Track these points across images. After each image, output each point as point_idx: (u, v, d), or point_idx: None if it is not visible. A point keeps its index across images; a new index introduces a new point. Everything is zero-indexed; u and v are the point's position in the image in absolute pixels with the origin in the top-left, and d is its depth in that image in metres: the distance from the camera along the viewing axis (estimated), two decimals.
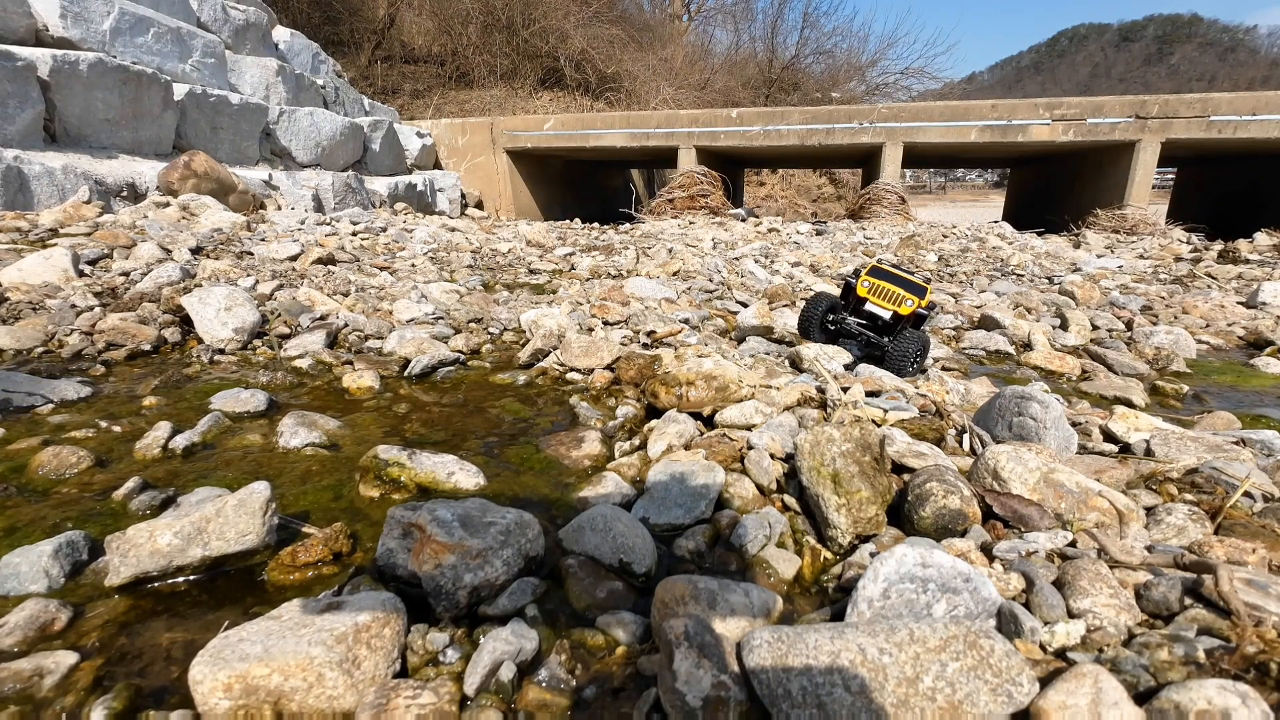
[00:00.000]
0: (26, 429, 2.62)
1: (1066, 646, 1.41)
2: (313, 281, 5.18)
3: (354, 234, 7.90)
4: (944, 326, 5.26)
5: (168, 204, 7.67)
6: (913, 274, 3.98)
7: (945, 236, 11.57)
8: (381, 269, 6.21)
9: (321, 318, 4.37)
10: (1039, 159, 18.10)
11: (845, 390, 2.92)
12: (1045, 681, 1.22)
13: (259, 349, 3.84)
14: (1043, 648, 1.41)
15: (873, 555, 1.76)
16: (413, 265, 6.67)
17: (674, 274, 7.00)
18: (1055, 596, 1.53)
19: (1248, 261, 8.67)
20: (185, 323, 3.97)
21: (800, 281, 6.88)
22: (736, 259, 8.13)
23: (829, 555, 1.88)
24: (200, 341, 3.83)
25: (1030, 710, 1.18)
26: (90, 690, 1.38)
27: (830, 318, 3.88)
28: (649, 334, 4.25)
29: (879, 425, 2.59)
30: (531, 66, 22.71)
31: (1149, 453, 2.44)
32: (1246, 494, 2.05)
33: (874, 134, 14.42)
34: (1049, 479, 1.96)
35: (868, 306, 3.75)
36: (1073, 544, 1.77)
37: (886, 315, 3.70)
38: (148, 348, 3.67)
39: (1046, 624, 1.46)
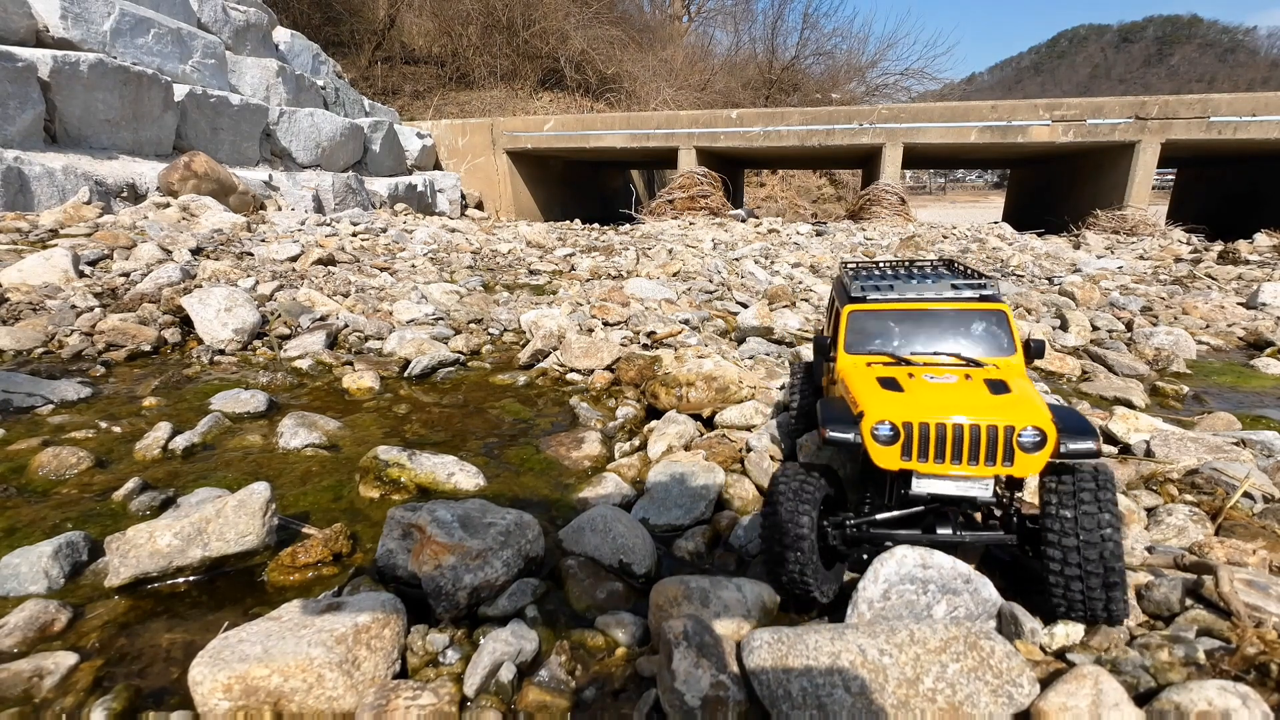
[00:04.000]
0: (26, 429, 2.62)
1: (1067, 648, 1.41)
2: (313, 282, 5.18)
3: (354, 235, 7.90)
4: None
5: (168, 205, 7.68)
6: (934, 267, 2.23)
7: (945, 237, 11.57)
8: (381, 270, 6.21)
9: (322, 318, 4.37)
10: (1039, 160, 18.11)
11: None
12: (1046, 683, 1.22)
13: (259, 350, 3.84)
14: (1043, 649, 1.41)
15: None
16: (413, 266, 6.67)
17: (674, 275, 7.00)
18: None
19: (1247, 262, 8.68)
20: (185, 323, 3.97)
21: (800, 282, 6.88)
22: (736, 260, 8.13)
23: None
24: (200, 342, 3.83)
25: (1031, 711, 1.17)
26: (90, 691, 1.37)
27: (828, 522, 1.61)
28: (649, 335, 4.25)
29: None
30: (532, 67, 22.74)
31: (1149, 453, 2.44)
32: (1247, 495, 2.05)
33: (874, 135, 14.43)
34: None
35: (921, 486, 1.55)
36: None
37: (983, 489, 1.53)
38: (148, 348, 3.67)
39: (1047, 625, 1.46)
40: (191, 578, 1.76)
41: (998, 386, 1.57)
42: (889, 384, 1.63)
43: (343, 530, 1.91)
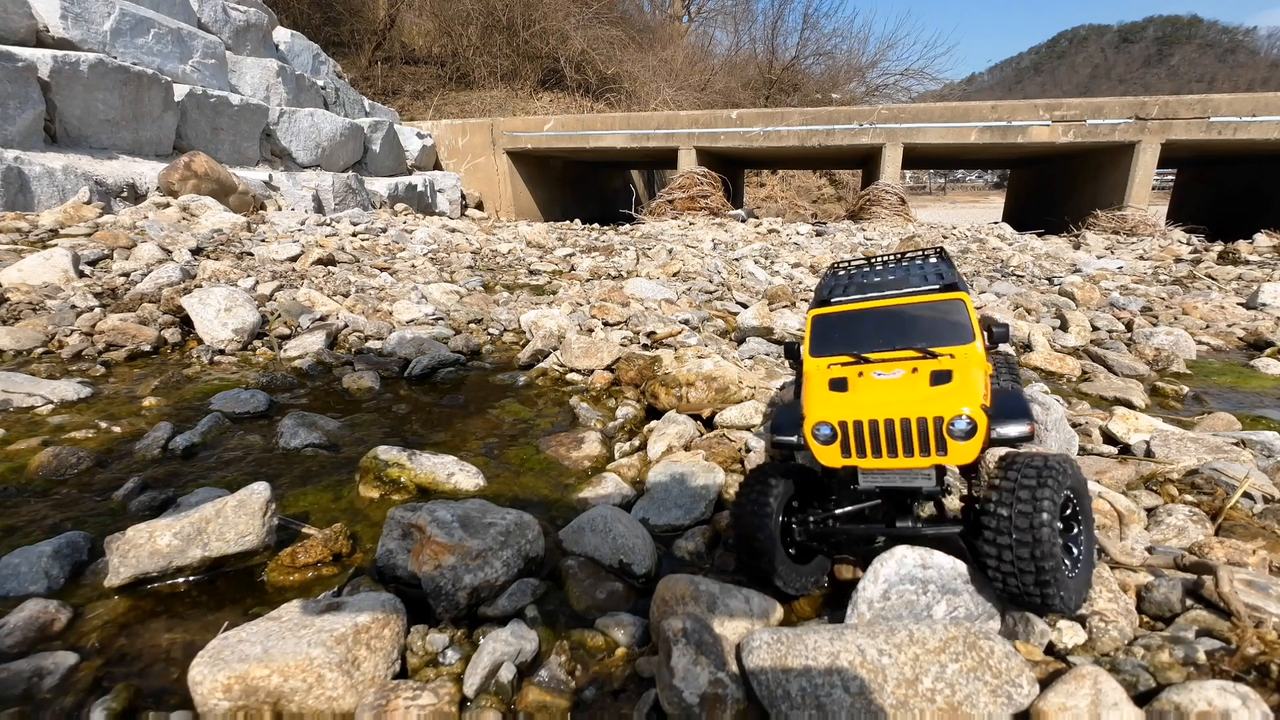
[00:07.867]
0: (26, 429, 2.61)
1: (1067, 648, 1.41)
2: (313, 282, 5.18)
3: (354, 235, 7.90)
4: None
5: (168, 205, 7.67)
6: (911, 258, 2.26)
7: (945, 238, 11.57)
8: (381, 270, 6.21)
9: (321, 318, 4.37)
10: (1039, 160, 18.11)
11: None
12: (1045, 683, 1.22)
13: (259, 349, 3.84)
14: (1047, 648, 1.41)
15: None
16: (413, 266, 6.67)
17: (674, 275, 7.00)
18: None
19: (1247, 263, 8.67)
20: (185, 323, 3.97)
21: (800, 282, 6.88)
22: (736, 260, 8.13)
23: None
24: (200, 342, 3.83)
25: (1030, 711, 1.17)
26: (90, 691, 1.37)
27: (795, 519, 1.70)
28: (649, 335, 4.25)
29: None
30: (532, 68, 22.73)
31: (1149, 454, 2.44)
32: (1246, 495, 2.05)
33: (874, 135, 14.43)
34: None
35: (863, 481, 1.62)
36: None
37: (926, 480, 1.56)
38: (148, 348, 3.67)
39: (1047, 625, 1.46)
40: (191, 578, 1.76)
41: (940, 377, 1.60)
42: (838, 384, 1.68)
43: (343, 530, 1.91)
